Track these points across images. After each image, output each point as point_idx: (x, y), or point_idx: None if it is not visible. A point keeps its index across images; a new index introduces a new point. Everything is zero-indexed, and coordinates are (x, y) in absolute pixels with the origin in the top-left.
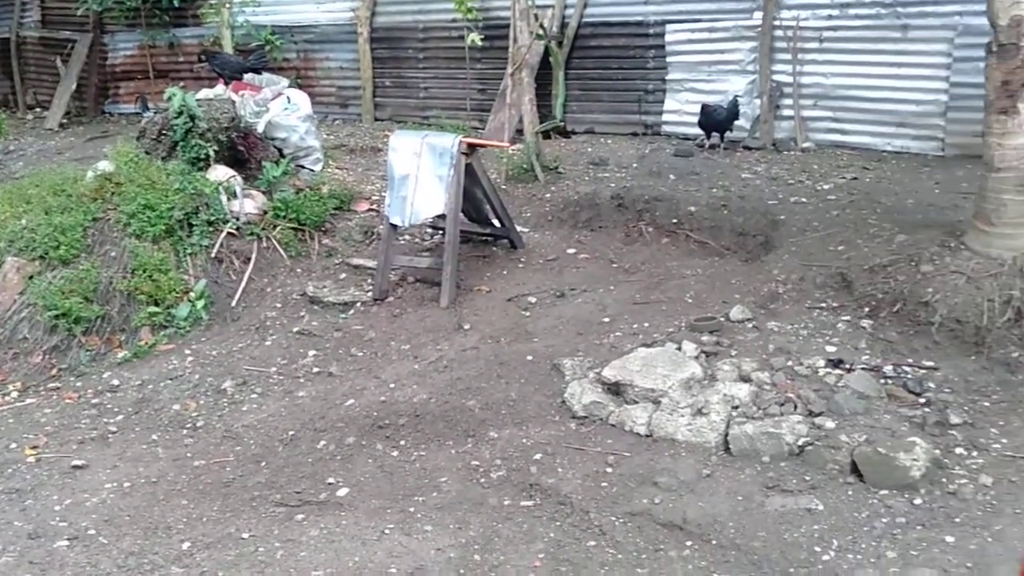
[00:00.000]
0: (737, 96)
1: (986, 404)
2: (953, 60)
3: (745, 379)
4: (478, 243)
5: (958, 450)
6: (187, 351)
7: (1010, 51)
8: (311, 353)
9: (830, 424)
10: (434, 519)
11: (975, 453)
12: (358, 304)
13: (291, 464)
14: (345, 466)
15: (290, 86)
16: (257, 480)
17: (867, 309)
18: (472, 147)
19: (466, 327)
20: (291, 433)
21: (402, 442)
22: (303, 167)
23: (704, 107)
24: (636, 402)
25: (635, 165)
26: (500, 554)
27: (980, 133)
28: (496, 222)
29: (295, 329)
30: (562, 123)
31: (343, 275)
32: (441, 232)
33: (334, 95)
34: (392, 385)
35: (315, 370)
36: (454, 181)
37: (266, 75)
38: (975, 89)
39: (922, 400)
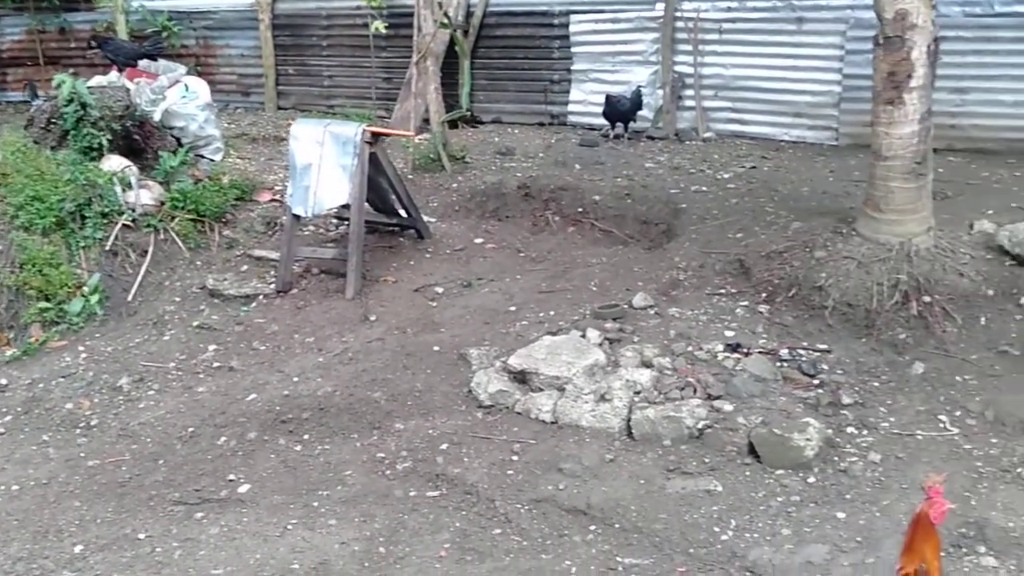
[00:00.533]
0: (640, 87)
1: (876, 384)
2: (845, 52)
3: (647, 365)
4: (384, 233)
5: (849, 429)
6: (80, 348)
7: (895, 43)
8: (211, 347)
9: (728, 407)
10: (339, 513)
11: (865, 432)
12: (260, 297)
13: (190, 462)
14: (247, 462)
15: (188, 73)
16: (154, 479)
17: (764, 294)
18: (376, 136)
19: (372, 318)
20: (190, 430)
21: (306, 436)
22: (203, 157)
23: (608, 97)
24: (541, 390)
25: (541, 155)
26: (406, 546)
27: (870, 123)
28: (402, 212)
29: (195, 323)
30: (469, 112)
31: (245, 267)
32: (346, 222)
33: (235, 83)
34: (296, 379)
35: (215, 365)
36: (358, 170)
37: (163, 62)
38: (866, 81)
39: (816, 382)
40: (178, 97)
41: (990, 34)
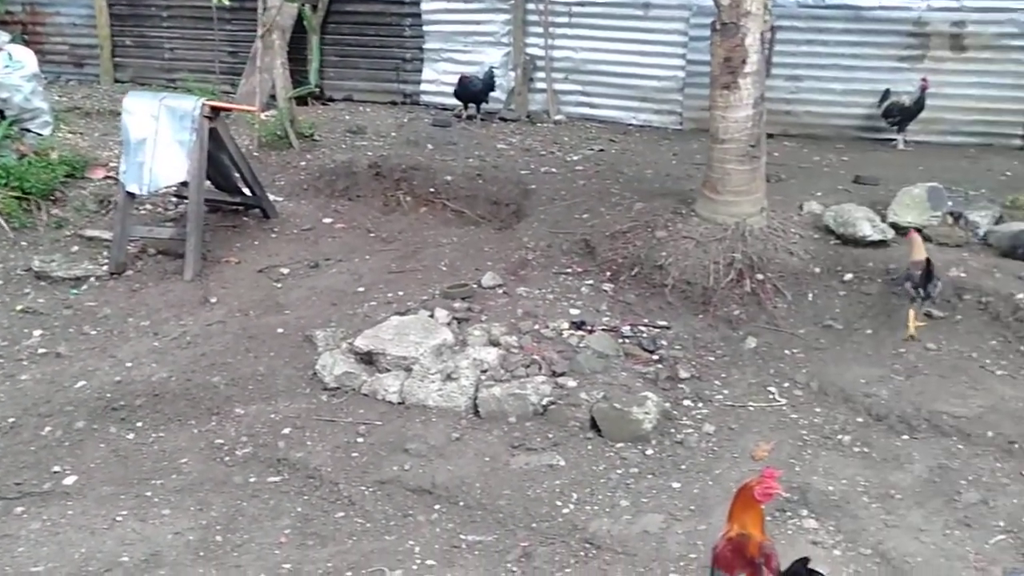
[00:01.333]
0: (493, 68)
1: (711, 359)
2: (689, 39)
3: (494, 343)
4: (228, 212)
5: (686, 402)
6: None
7: (731, 30)
8: (37, 333)
9: (572, 383)
10: (173, 502)
11: (700, 404)
12: (92, 279)
13: (10, 454)
14: (73, 452)
15: (13, 41)
16: None
17: (608, 273)
18: (216, 110)
19: (213, 300)
20: (11, 420)
21: (139, 424)
22: (29, 131)
23: (461, 78)
24: (388, 370)
25: (393, 134)
26: (244, 533)
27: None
28: (246, 190)
29: (18, 307)
30: (318, 89)
31: (75, 248)
32: (185, 201)
33: (67, 53)
34: (129, 364)
35: (41, 351)
36: (197, 146)
37: None
38: (708, 67)
39: (655, 357)
40: (1, 67)
41: (822, 25)
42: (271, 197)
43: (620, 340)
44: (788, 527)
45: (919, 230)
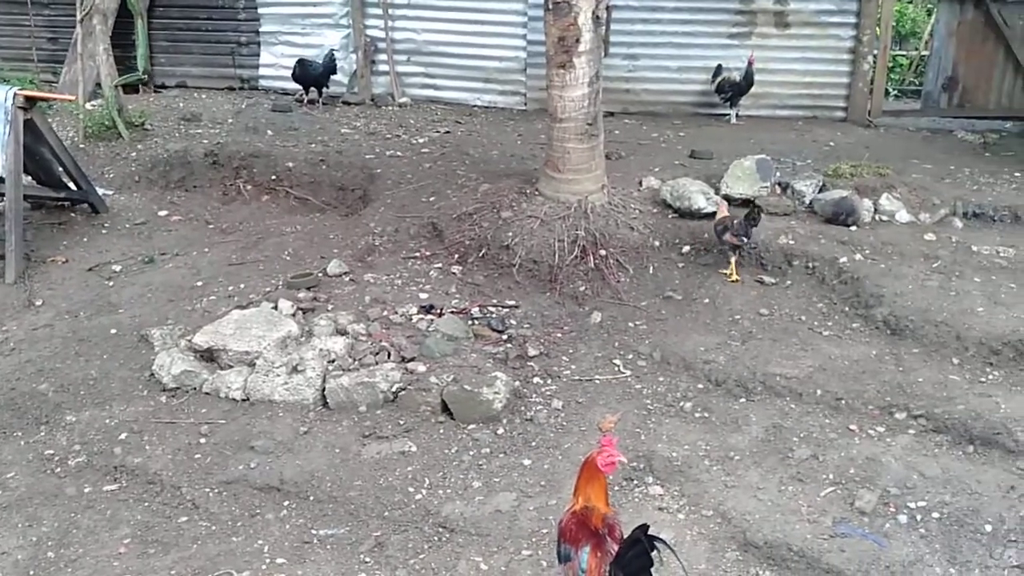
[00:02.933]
0: (333, 50)
1: (559, 335)
2: (529, 19)
3: (341, 332)
4: (52, 209)
5: (535, 380)
6: None
7: (563, 9)
8: None
9: (422, 368)
10: None
11: (549, 381)
12: None
13: None
14: None
15: None
16: None
17: (456, 256)
18: (31, 100)
19: (38, 303)
20: None
21: None
22: None
23: (300, 61)
24: (231, 367)
25: (231, 120)
26: (79, 547)
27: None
28: (72, 185)
29: None
30: (146, 76)
31: None
32: (2, 198)
33: None
34: None
35: None
36: (11, 139)
37: None
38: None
39: (505, 337)
40: None
41: (655, 4)
42: (100, 191)
43: (469, 322)
44: (635, 495)
45: (752, 201)
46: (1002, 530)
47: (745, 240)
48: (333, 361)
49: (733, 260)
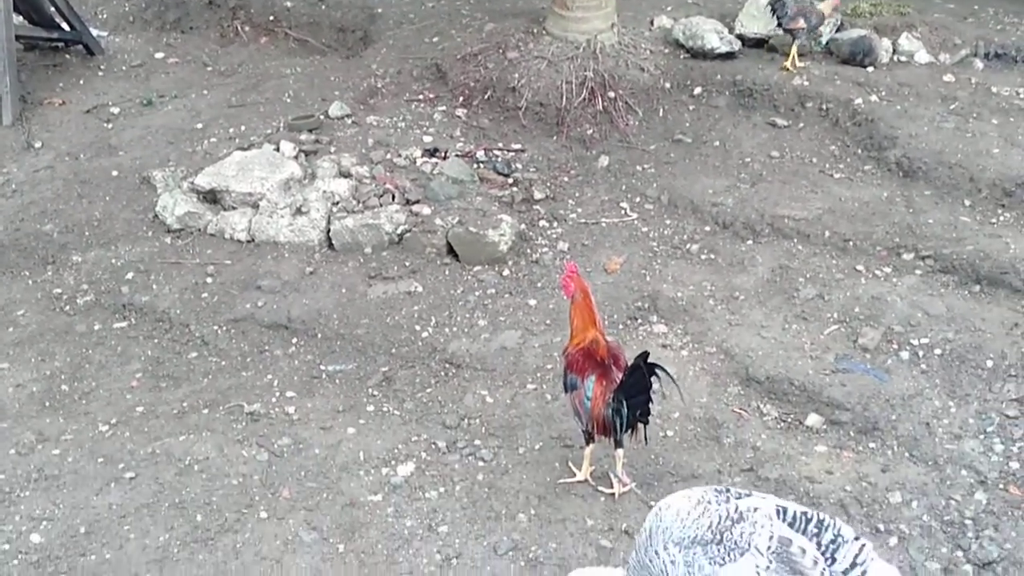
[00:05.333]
0: None
1: (565, 179)
2: None
3: (345, 175)
4: (46, 50)
5: (541, 223)
6: None
7: None
8: None
9: (427, 211)
10: (12, 355)
11: (555, 224)
12: None
13: None
14: None
15: None
16: None
17: (461, 98)
18: None
19: (37, 145)
20: None
21: None
22: None
23: None
24: (234, 208)
25: None
26: (92, 380)
27: None
28: (64, 25)
29: None
30: None
31: None
32: None
33: None
34: None
35: None
36: None
37: None
38: None
39: (510, 180)
40: None
41: None
42: (94, 32)
43: (474, 165)
44: (639, 333)
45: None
46: (1003, 365)
47: (812, 30)
48: (337, 203)
49: (795, 47)
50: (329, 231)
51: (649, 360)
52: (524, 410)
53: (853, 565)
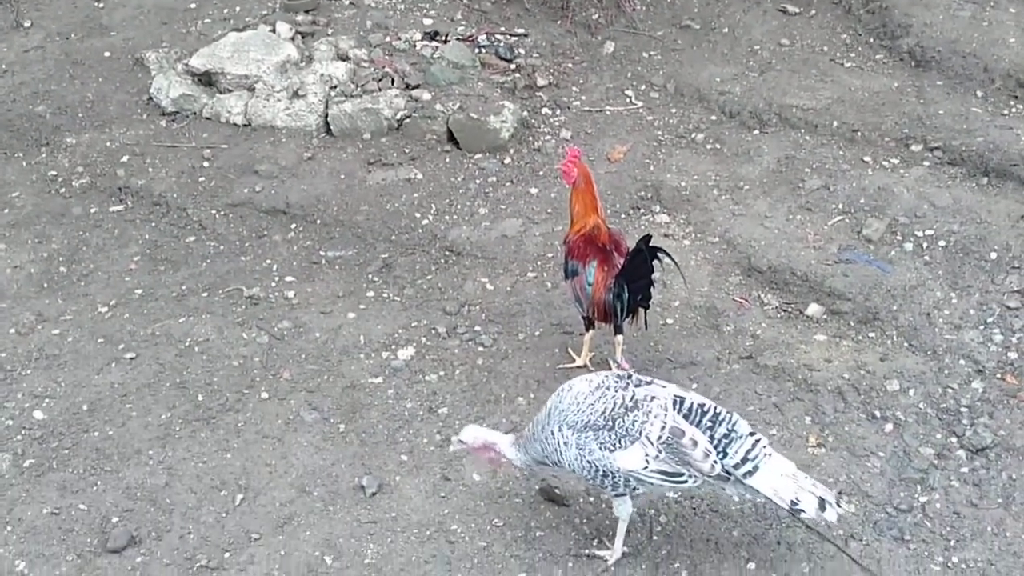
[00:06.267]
0: None
1: (569, 66)
2: None
3: (343, 57)
4: None
5: (544, 110)
6: None
7: None
8: None
9: (427, 96)
10: (8, 237)
11: (558, 111)
12: None
13: None
14: None
15: None
16: None
17: None
18: None
19: (27, 24)
20: None
21: None
22: None
23: None
24: (230, 91)
25: None
26: (90, 263)
27: None
28: None
29: None
30: None
31: None
32: None
33: None
34: None
35: None
36: None
37: None
38: None
39: (513, 66)
40: None
41: None
42: None
43: (476, 50)
44: (641, 223)
45: None
46: (1007, 257)
47: None
48: (335, 87)
49: None
50: (327, 116)
51: (651, 244)
52: (524, 297)
53: (744, 460)
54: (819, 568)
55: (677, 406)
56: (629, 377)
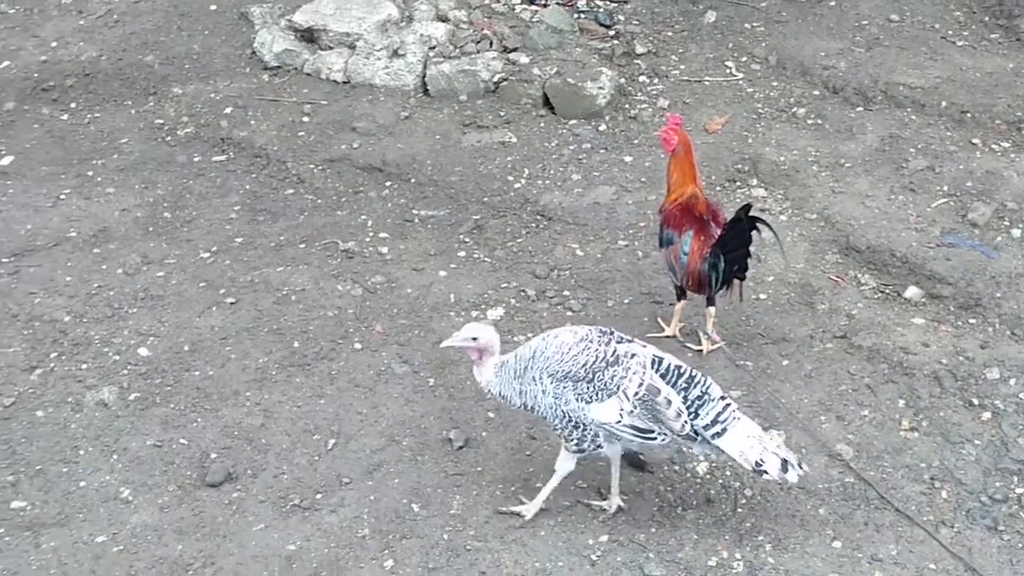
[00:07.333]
0: None
1: (669, 34)
2: None
3: (442, 18)
4: None
5: (641, 78)
6: None
7: None
8: None
9: (524, 59)
10: (116, 181)
11: (656, 80)
12: None
13: None
14: (6, 133)
15: None
16: None
17: None
18: None
19: None
20: None
21: (72, 104)
22: None
23: None
24: (331, 48)
25: None
26: (192, 210)
27: None
28: None
29: None
30: None
31: None
32: None
33: None
34: (54, 44)
35: None
36: None
37: None
38: None
39: (612, 33)
40: None
41: None
42: None
43: (576, 15)
44: (737, 196)
45: None
46: None
47: None
48: (434, 48)
49: None
50: (425, 76)
51: (751, 214)
52: (614, 265)
53: (714, 422)
54: (907, 551)
55: (656, 365)
56: (611, 333)
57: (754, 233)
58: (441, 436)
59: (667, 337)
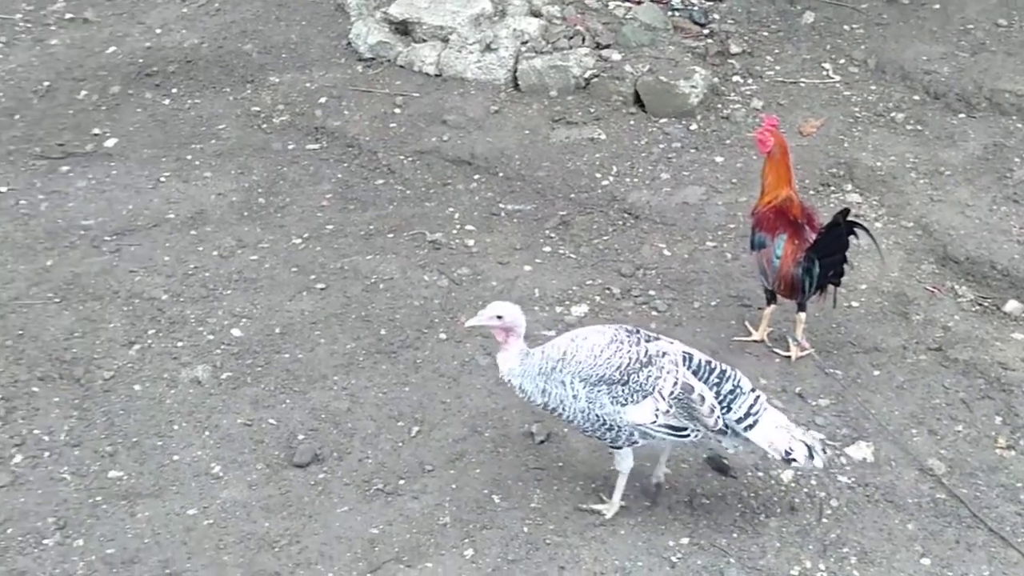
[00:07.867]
0: None
1: (765, 34)
2: None
3: (535, 14)
4: None
5: (735, 78)
6: None
7: None
8: None
9: (616, 56)
10: (214, 166)
11: (750, 80)
12: None
13: (49, 116)
14: (111, 116)
15: None
16: (12, 134)
17: None
18: None
19: None
20: (46, 84)
21: (174, 90)
22: None
23: None
24: (425, 41)
25: None
26: (286, 196)
27: None
28: None
29: None
30: None
31: None
32: None
33: None
34: (158, 31)
35: (68, 16)
36: None
37: None
38: None
39: (706, 31)
40: None
41: None
42: None
43: (669, 12)
44: (831, 201)
45: None
46: None
47: None
48: (526, 42)
49: None
50: (516, 70)
51: (849, 218)
52: (702, 266)
53: (747, 415)
54: (1000, 573)
55: (687, 362)
56: (637, 332)
57: (851, 239)
58: (523, 429)
59: (755, 342)
